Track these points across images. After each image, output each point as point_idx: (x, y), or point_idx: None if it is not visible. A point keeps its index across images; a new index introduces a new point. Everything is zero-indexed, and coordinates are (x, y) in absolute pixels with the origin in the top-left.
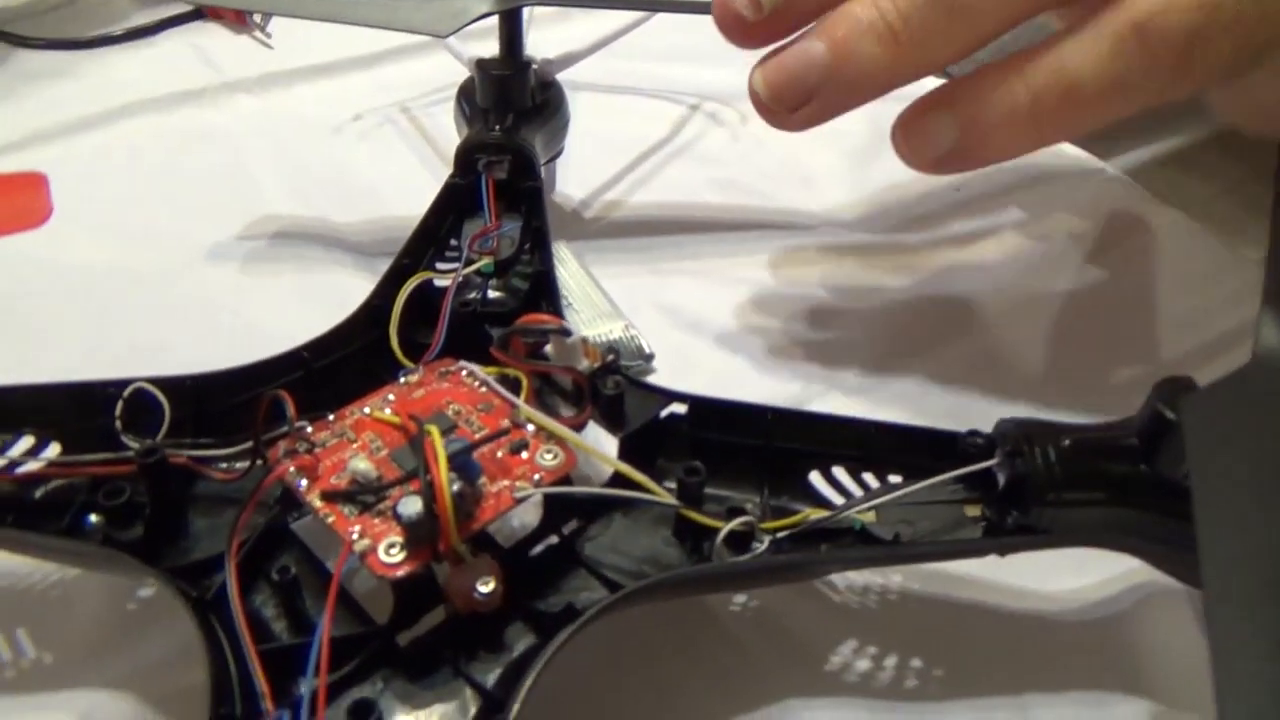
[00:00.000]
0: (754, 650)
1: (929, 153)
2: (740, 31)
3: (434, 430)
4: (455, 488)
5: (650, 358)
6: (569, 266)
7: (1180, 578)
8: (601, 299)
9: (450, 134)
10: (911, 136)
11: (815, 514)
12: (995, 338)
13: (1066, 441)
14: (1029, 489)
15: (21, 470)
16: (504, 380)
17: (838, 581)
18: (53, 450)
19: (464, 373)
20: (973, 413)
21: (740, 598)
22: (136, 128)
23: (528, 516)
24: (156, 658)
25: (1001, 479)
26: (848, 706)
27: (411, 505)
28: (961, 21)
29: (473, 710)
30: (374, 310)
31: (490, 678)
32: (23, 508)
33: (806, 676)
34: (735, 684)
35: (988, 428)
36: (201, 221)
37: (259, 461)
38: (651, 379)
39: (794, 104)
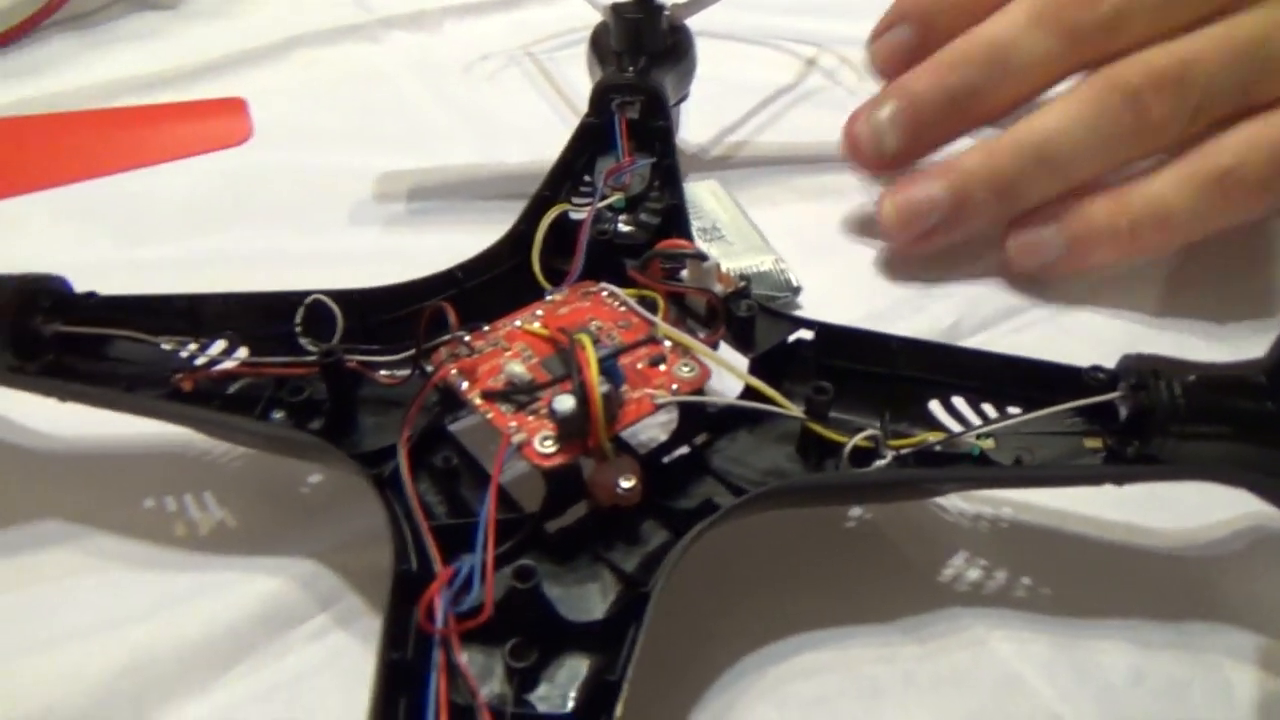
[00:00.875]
0: (867, 559)
1: (1036, 259)
2: (866, 165)
3: (585, 338)
4: (603, 389)
5: (797, 291)
6: (722, 201)
7: None
8: (753, 232)
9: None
10: (1022, 245)
11: (936, 436)
12: (1118, 282)
13: (1192, 376)
14: (1153, 420)
15: (218, 368)
16: (641, 301)
17: (948, 506)
18: (242, 353)
19: (605, 293)
20: (1093, 357)
21: (855, 512)
22: (304, 60)
23: (660, 432)
24: (333, 533)
25: (1124, 411)
26: (967, 615)
27: (565, 402)
28: (1056, 173)
29: (612, 591)
30: (517, 237)
31: (629, 564)
32: (219, 401)
33: (916, 583)
34: (847, 588)
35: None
36: (371, 153)
37: (421, 367)
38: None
39: (916, 233)
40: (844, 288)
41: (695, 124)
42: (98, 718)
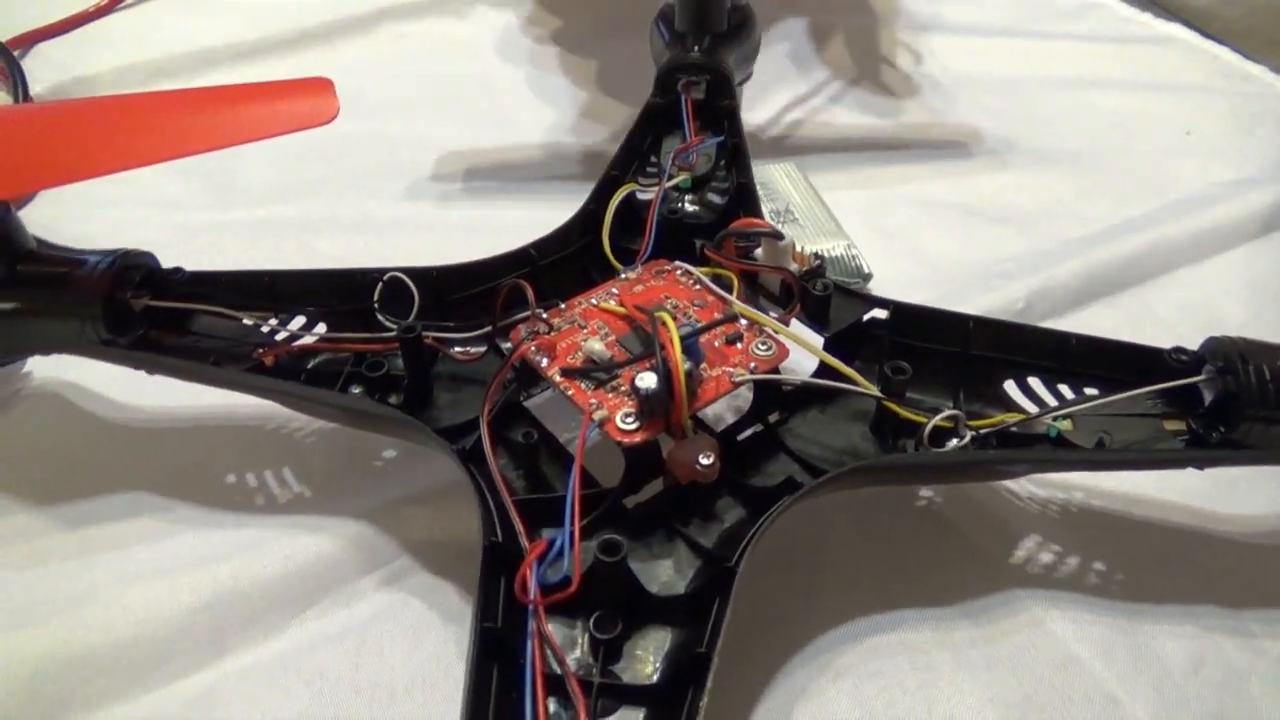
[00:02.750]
0: (934, 542)
1: None
2: None
3: (666, 316)
4: (685, 367)
5: (868, 278)
6: (796, 184)
7: None
8: (826, 216)
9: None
10: None
11: (1015, 417)
12: (1199, 275)
13: None
14: (1240, 404)
15: (298, 344)
16: (715, 279)
17: (1014, 489)
18: (320, 329)
19: (679, 271)
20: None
21: (926, 492)
22: (391, 34)
23: (728, 411)
24: (397, 498)
25: (1209, 395)
26: (1027, 597)
27: (648, 380)
28: None
29: (689, 566)
30: (588, 216)
31: (706, 540)
32: (301, 375)
33: (981, 566)
34: (918, 568)
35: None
36: (453, 126)
37: (496, 344)
38: None
39: None
40: (916, 271)
41: (771, 105)
42: (180, 647)
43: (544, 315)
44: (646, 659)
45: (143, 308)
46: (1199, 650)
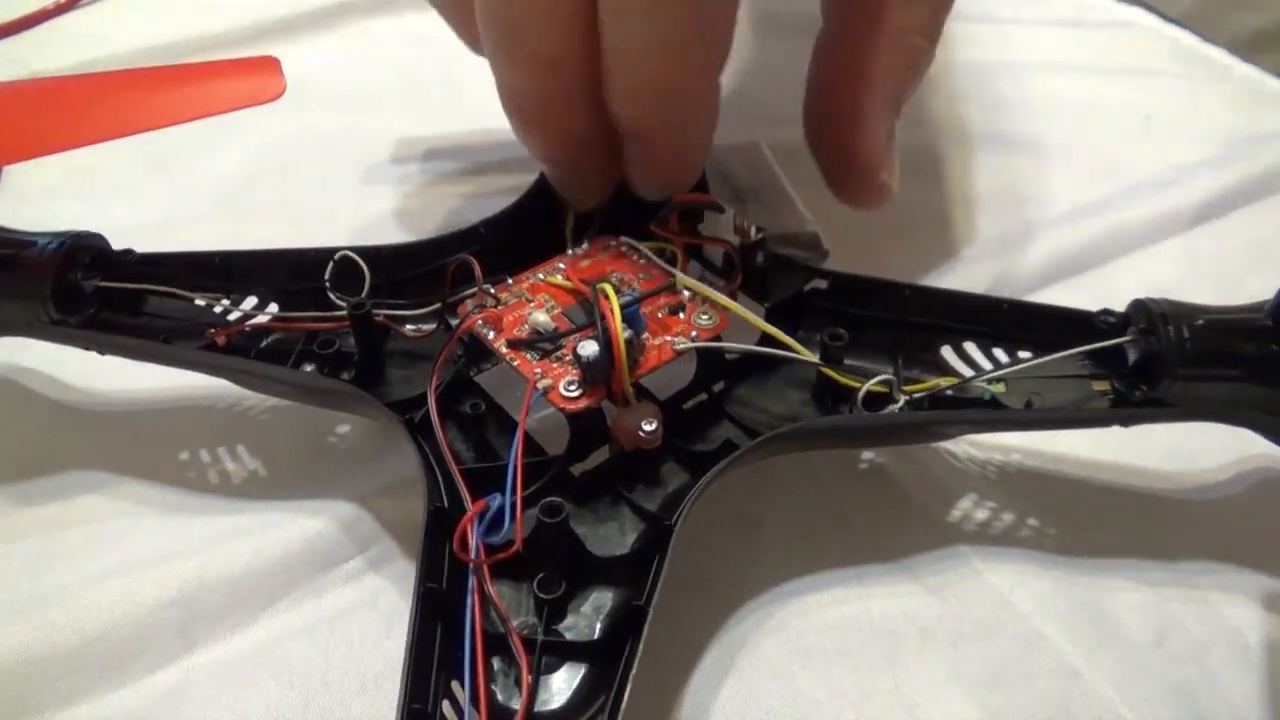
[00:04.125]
0: (879, 501)
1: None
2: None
3: (607, 287)
4: (625, 335)
5: (825, 255)
6: (758, 162)
7: None
8: (787, 194)
9: None
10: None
11: (949, 381)
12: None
13: (1200, 320)
14: (1161, 364)
15: (250, 323)
16: (660, 253)
17: (957, 452)
18: (272, 308)
19: (624, 246)
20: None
21: (868, 455)
22: (355, 28)
23: (676, 382)
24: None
25: (1133, 355)
26: (961, 554)
27: (589, 347)
28: None
29: (634, 529)
30: (537, 194)
31: (651, 504)
32: (253, 355)
33: (925, 524)
34: (859, 528)
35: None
36: (424, 118)
37: (446, 320)
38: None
39: None
40: (876, 253)
41: (737, 85)
42: (148, 643)
43: (491, 290)
44: (590, 617)
45: (93, 288)
46: (1159, 623)
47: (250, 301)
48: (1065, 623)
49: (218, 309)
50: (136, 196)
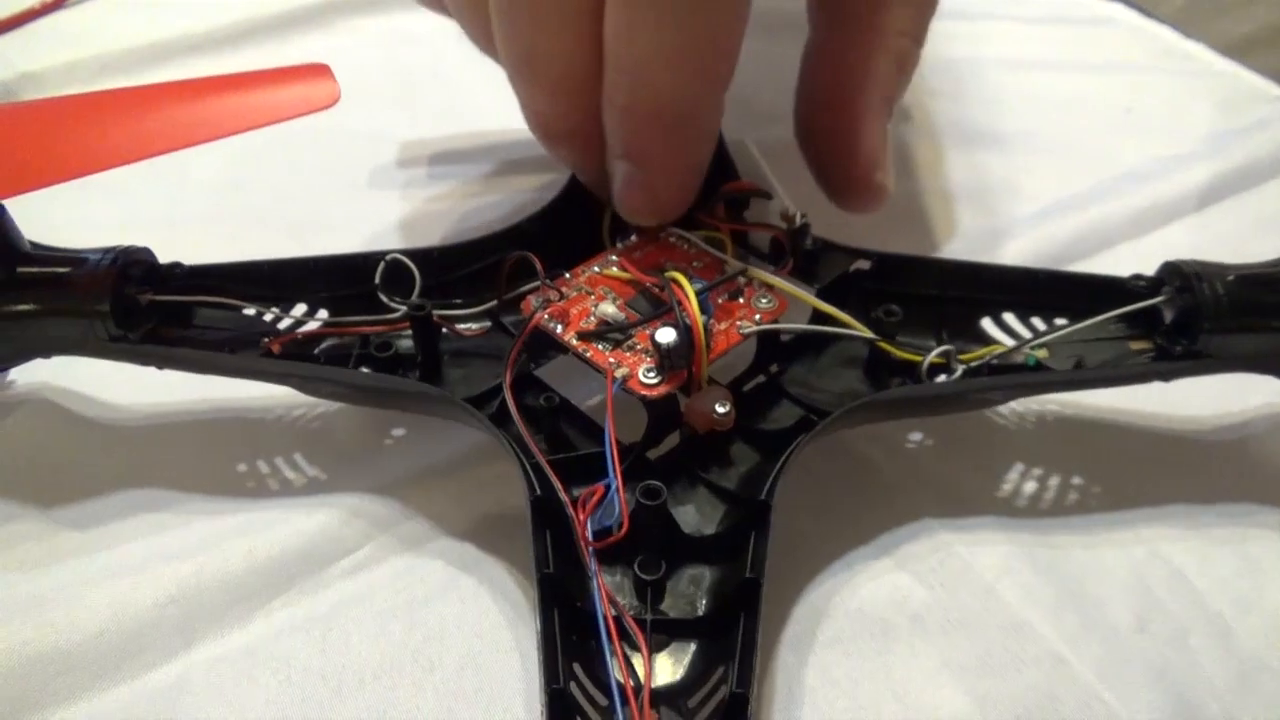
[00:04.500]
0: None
1: None
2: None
3: (680, 275)
4: (702, 320)
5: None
6: (748, 161)
7: None
8: (776, 192)
9: None
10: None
11: (998, 349)
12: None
13: (1231, 276)
14: (1200, 318)
15: (303, 330)
16: (710, 240)
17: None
18: (322, 314)
19: (673, 237)
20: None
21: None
22: (346, 27)
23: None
24: (405, 473)
25: (1169, 313)
26: (945, 541)
27: (668, 335)
28: None
29: (714, 509)
30: (574, 191)
31: (727, 483)
32: (313, 360)
33: (907, 508)
34: (843, 512)
35: None
36: (419, 118)
37: (498, 319)
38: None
39: None
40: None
41: None
42: (147, 641)
43: (552, 284)
44: (690, 595)
45: (148, 302)
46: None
47: (299, 309)
48: (1049, 608)
49: (268, 317)
50: (125, 199)
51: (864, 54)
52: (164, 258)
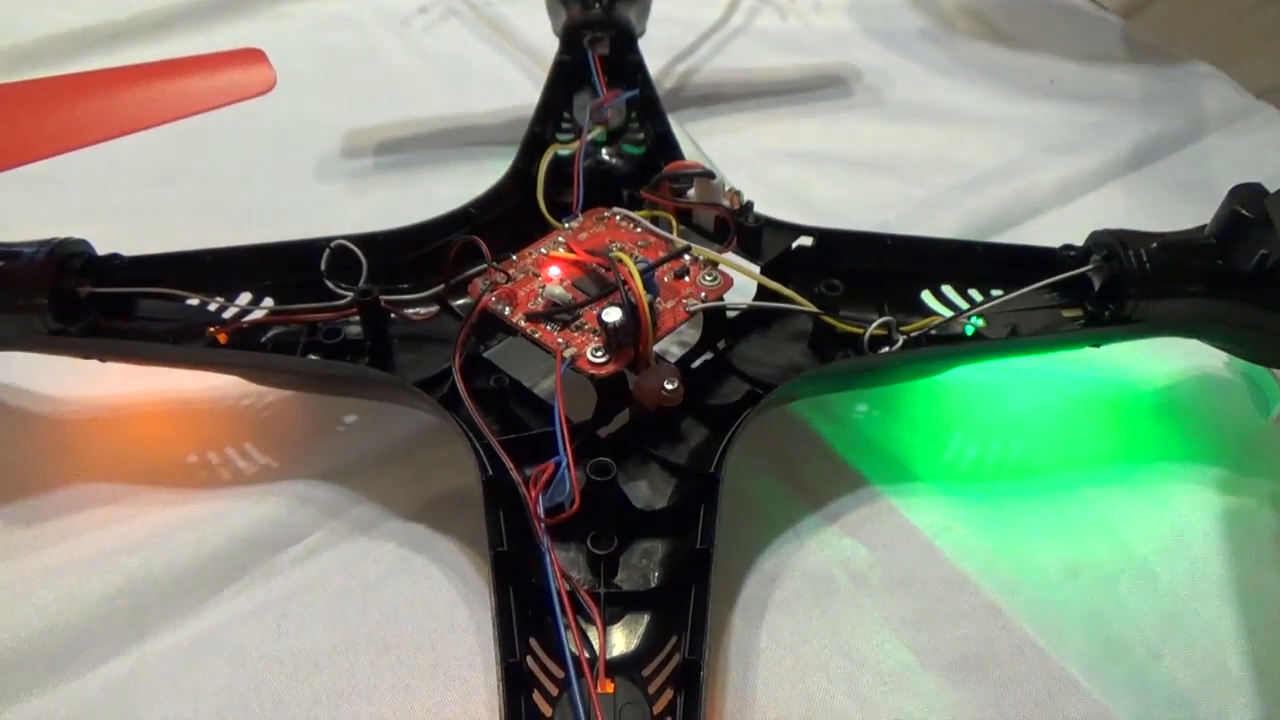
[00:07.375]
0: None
1: None
2: None
3: (624, 255)
4: (647, 298)
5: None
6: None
7: (1249, 358)
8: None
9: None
10: None
11: (936, 319)
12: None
13: (1154, 243)
14: (1126, 284)
15: (249, 318)
16: (653, 221)
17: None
18: (267, 303)
19: (619, 216)
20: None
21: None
22: (275, 13)
23: (677, 345)
24: (355, 459)
25: (1098, 281)
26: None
27: (614, 314)
28: None
29: (665, 483)
30: (518, 174)
31: (677, 458)
32: (257, 349)
33: (849, 473)
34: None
35: None
36: (351, 104)
37: (445, 302)
38: None
39: None
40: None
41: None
42: (97, 635)
43: (499, 267)
44: (643, 568)
45: (88, 295)
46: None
47: (244, 298)
48: (985, 562)
49: (212, 307)
50: (55, 191)
51: None
52: (99, 250)
